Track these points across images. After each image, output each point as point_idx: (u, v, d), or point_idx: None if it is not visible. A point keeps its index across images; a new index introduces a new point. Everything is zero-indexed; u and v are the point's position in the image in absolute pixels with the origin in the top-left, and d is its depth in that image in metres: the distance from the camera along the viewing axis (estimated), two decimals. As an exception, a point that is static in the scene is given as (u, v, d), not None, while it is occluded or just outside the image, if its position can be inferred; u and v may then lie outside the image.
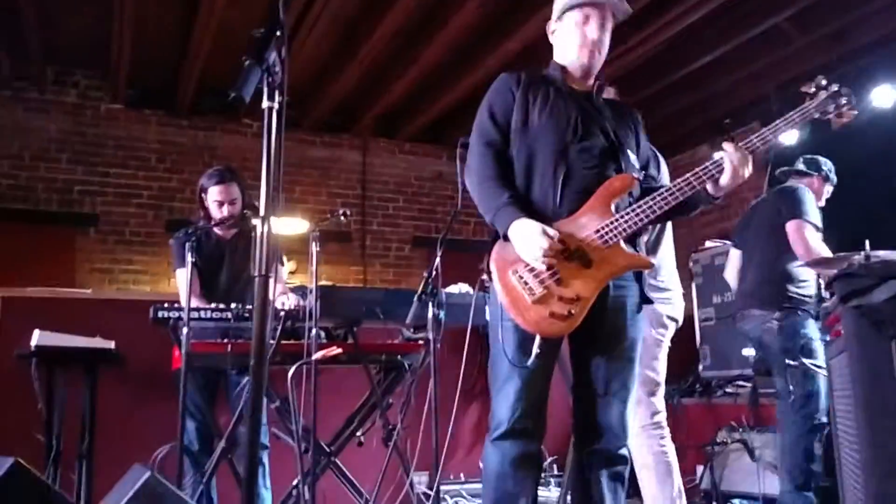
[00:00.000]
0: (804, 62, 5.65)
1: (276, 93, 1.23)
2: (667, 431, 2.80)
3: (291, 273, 6.27)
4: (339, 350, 2.71)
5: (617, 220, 2.00)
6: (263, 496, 3.37)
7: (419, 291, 2.52)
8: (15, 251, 5.81)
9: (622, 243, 2.00)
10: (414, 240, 7.31)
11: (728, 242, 5.28)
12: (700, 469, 4.35)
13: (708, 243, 5.65)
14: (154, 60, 5.90)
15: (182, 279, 3.26)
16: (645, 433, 2.75)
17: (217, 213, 3.47)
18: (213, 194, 3.47)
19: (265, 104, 1.26)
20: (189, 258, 3.02)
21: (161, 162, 6.66)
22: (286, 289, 3.49)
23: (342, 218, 3.32)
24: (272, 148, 1.21)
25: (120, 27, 5.08)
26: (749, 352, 4.68)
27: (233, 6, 4.82)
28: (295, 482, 2.99)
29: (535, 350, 1.92)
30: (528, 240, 1.94)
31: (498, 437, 2.00)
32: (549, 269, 1.94)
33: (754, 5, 5.16)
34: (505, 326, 1.97)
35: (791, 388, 3.29)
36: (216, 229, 3.54)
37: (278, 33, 1.22)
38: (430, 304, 2.54)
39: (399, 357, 3.23)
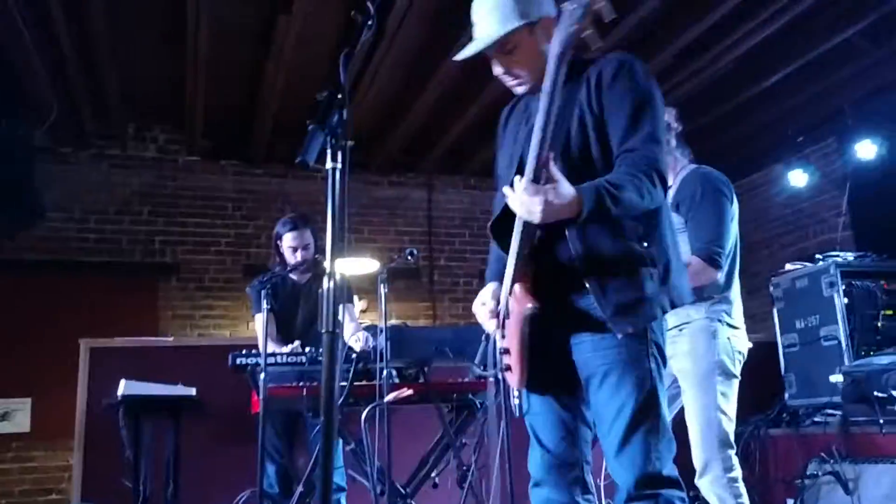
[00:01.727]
0: (879, 76, 5.47)
1: (339, 153, 1.28)
2: (742, 488, 2.70)
3: (363, 312, 6.37)
4: (411, 391, 2.73)
5: (512, 260, 1.86)
6: (342, 538, 3.42)
7: (486, 332, 2.51)
8: (102, 302, 6.09)
9: (519, 288, 1.86)
10: (481, 273, 7.33)
11: (808, 264, 5.10)
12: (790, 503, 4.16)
13: (788, 266, 5.46)
14: (227, 108, 6.16)
15: (259, 324, 3.37)
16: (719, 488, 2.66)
17: (291, 258, 3.60)
18: (288, 240, 3.60)
19: (328, 165, 1.32)
20: (265, 304, 3.12)
21: (237, 209, 6.91)
22: (359, 328, 3.56)
23: (409, 258, 3.37)
24: (336, 205, 1.26)
25: (194, 72, 5.33)
26: (837, 378, 4.48)
27: (302, 47, 5.00)
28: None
29: (514, 402, 1.94)
30: (474, 306, 2.02)
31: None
32: (501, 327, 1.94)
33: (823, 21, 5.04)
34: None
35: None
36: (291, 274, 3.66)
37: (339, 96, 1.27)
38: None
39: (470, 396, 3.23)
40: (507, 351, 1.92)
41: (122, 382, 3.50)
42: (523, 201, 1.67)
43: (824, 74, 5.57)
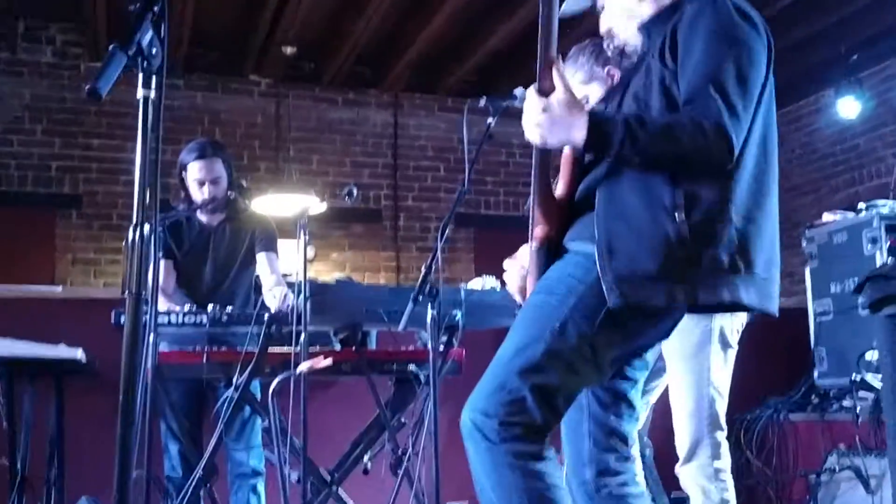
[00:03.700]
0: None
1: (154, 79, 1.30)
2: (730, 481, 2.79)
3: (310, 261, 6.43)
4: (328, 360, 2.80)
5: None
6: (258, 531, 3.54)
7: (416, 291, 2.59)
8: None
9: (536, 229, 1.99)
10: (458, 217, 7.38)
11: (849, 214, 5.15)
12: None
13: (826, 216, 5.50)
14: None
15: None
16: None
17: (198, 194, 3.62)
18: (194, 172, 3.61)
19: (140, 93, 1.34)
20: (156, 250, 3.16)
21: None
22: (280, 282, 3.62)
23: (347, 198, 3.41)
24: (148, 144, 1.29)
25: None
26: (873, 354, 4.57)
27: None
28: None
29: None
30: None
31: None
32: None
33: None
34: None
35: None
36: (198, 214, 3.69)
37: (156, 8, 1.29)
38: (430, 304, 2.60)
39: (411, 367, 3.31)
40: None
41: (-9, 340, 3.55)
42: (525, 116, 1.78)
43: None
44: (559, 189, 2.00)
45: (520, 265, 2.10)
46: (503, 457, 1.76)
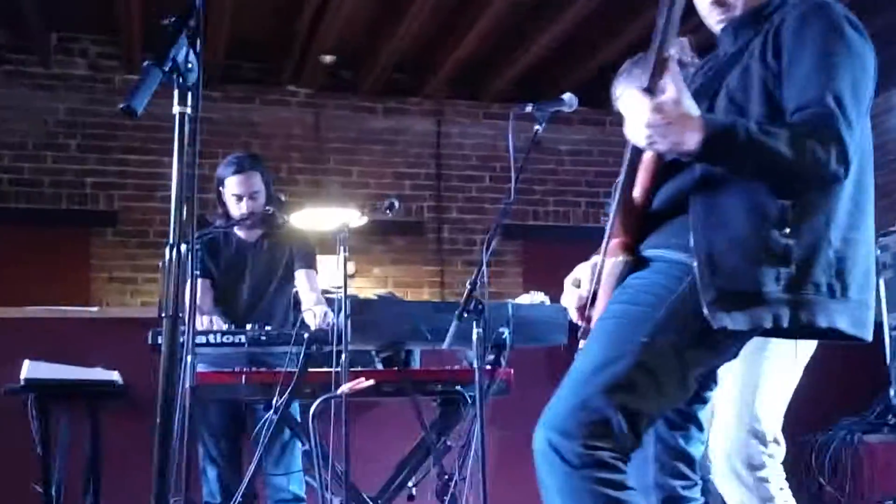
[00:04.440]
0: None
1: (190, 96, 1.33)
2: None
3: (350, 277, 6.47)
4: (371, 381, 2.82)
5: None
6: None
7: (461, 307, 2.59)
8: (18, 261, 6.24)
9: (613, 242, 1.94)
10: (505, 229, 7.37)
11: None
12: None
13: (903, 222, 5.42)
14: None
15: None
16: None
17: (235, 209, 3.67)
18: (231, 186, 3.67)
19: (175, 110, 1.36)
20: (194, 268, 3.21)
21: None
22: (320, 301, 3.64)
23: (388, 212, 3.45)
24: (185, 160, 1.31)
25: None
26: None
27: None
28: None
29: None
30: None
31: None
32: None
33: None
34: None
35: None
36: (236, 230, 3.74)
37: (192, 22, 1.31)
38: (476, 321, 2.61)
39: (458, 388, 3.31)
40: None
41: (26, 364, 3.64)
42: (629, 114, 1.70)
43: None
44: (636, 194, 1.92)
45: (578, 282, 2.05)
46: (584, 482, 1.69)
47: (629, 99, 1.71)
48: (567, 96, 2.99)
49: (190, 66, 1.37)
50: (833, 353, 3.14)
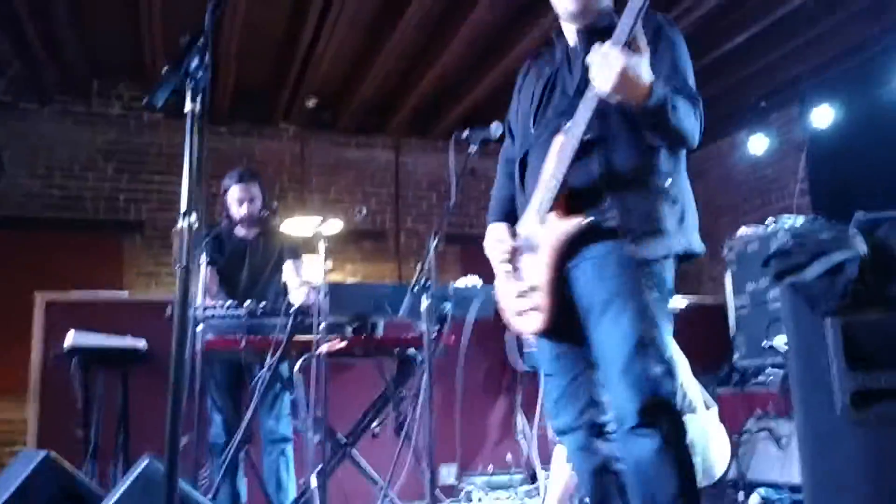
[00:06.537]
0: (839, 42, 5.50)
1: (200, 96, 1.31)
2: None
3: (328, 272, 6.42)
4: (343, 343, 2.79)
5: (543, 191, 1.80)
6: (287, 486, 3.50)
7: (412, 284, 2.59)
8: (65, 260, 6.09)
9: (554, 215, 1.78)
10: (447, 237, 7.37)
11: (762, 227, 5.18)
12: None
13: (742, 230, 5.55)
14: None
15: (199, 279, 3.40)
16: None
17: (237, 212, 3.62)
18: (234, 193, 3.62)
19: (187, 107, 1.34)
20: (202, 258, 3.16)
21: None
22: (305, 284, 3.60)
23: (357, 216, 3.42)
24: (193, 150, 1.30)
25: (150, 31, 5.30)
26: (781, 339, 4.59)
27: (256, 3, 4.96)
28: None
29: (528, 350, 1.95)
30: (487, 247, 1.99)
31: None
32: (513, 268, 1.91)
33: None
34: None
35: None
36: (238, 229, 3.69)
37: (201, 40, 1.30)
38: (424, 296, 2.60)
39: (412, 350, 3.30)
40: (532, 289, 1.82)
41: (71, 333, 3.54)
42: (606, 59, 1.61)
43: (784, 41, 5.59)
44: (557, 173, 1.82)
45: (505, 241, 1.96)
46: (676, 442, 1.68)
47: (609, 50, 1.62)
48: (494, 125, 2.97)
49: (199, 73, 1.33)
50: (687, 328, 3.22)
